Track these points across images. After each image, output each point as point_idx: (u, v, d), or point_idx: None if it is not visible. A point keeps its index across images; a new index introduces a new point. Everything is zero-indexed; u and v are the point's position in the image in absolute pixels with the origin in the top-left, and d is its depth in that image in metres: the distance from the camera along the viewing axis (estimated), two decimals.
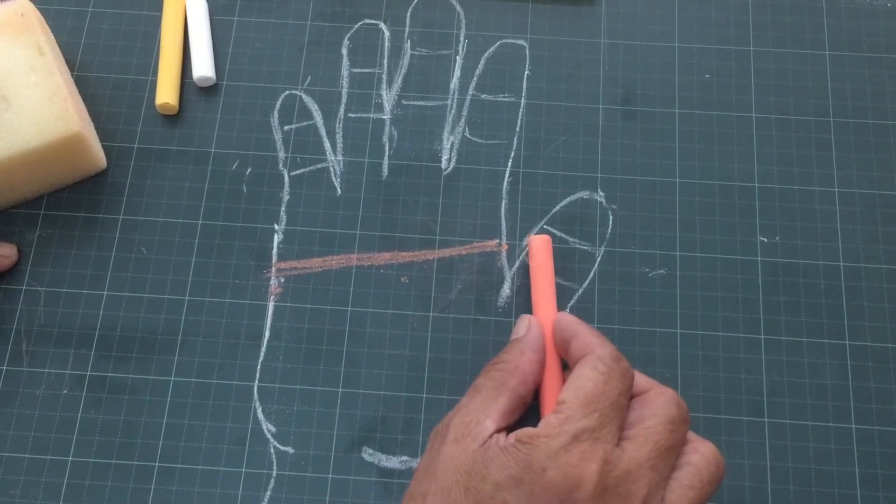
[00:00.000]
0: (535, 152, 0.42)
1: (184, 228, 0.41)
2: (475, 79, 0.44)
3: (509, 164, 0.42)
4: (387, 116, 0.43)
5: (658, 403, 0.32)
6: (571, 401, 0.31)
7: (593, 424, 0.30)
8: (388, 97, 0.44)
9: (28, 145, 0.38)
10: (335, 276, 0.40)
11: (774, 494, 0.37)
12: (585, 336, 0.34)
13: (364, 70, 0.44)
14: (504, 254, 0.41)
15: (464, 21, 0.45)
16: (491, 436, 0.31)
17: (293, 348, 0.39)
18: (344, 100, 0.43)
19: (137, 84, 0.44)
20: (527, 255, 0.40)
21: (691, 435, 0.33)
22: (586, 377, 0.32)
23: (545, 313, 0.37)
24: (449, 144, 0.43)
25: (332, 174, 0.42)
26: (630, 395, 0.32)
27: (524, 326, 0.36)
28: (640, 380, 0.34)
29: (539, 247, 0.38)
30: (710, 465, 0.31)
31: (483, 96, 0.44)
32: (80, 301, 0.40)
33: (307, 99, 0.43)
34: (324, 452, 0.37)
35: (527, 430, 0.31)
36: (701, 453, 0.32)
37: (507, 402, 0.33)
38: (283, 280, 0.40)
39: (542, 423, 0.31)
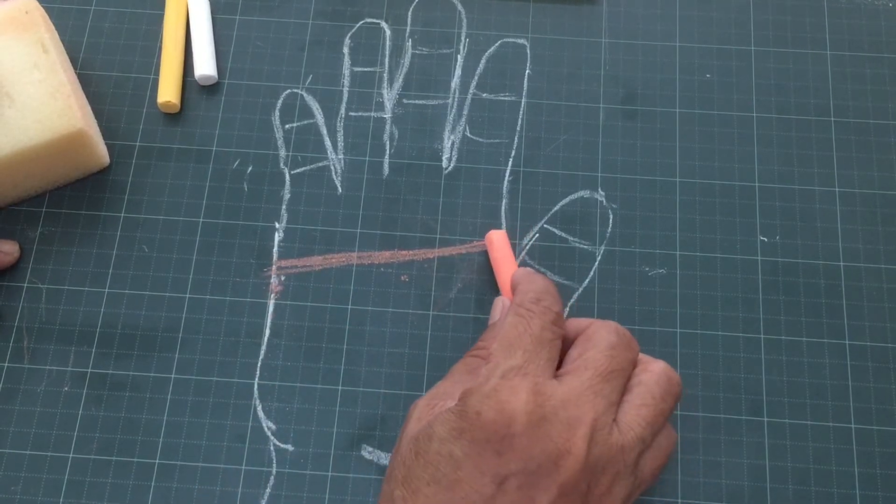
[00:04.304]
0: (535, 151, 0.43)
1: (185, 226, 0.41)
2: (476, 78, 0.44)
3: (510, 163, 0.42)
4: (388, 115, 0.43)
5: (597, 336, 0.32)
6: (496, 348, 0.32)
7: (519, 362, 0.31)
8: (388, 96, 0.44)
9: (31, 142, 0.38)
10: (335, 274, 0.40)
11: (773, 494, 0.37)
12: (518, 285, 0.34)
13: (365, 69, 0.44)
14: None
15: (465, 20, 0.45)
16: None
17: (293, 346, 0.39)
18: (345, 98, 0.44)
19: (139, 82, 0.44)
20: (492, 250, 0.40)
21: (644, 357, 0.33)
22: (507, 324, 0.32)
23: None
24: (449, 143, 0.43)
25: (333, 173, 0.42)
26: (559, 329, 0.33)
27: (498, 310, 0.36)
28: (581, 322, 0.34)
29: (499, 239, 0.39)
30: (661, 381, 0.32)
31: (484, 95, 0.44)
32: (82, 298, 0.40)
33: (308, 97, 0.44)
34: (323, 450, 0.37)
35: (465, 387, 0.31)
36: (650, 371, 0.32)
37: None
38: (283, 278, 0.40)
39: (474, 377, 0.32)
